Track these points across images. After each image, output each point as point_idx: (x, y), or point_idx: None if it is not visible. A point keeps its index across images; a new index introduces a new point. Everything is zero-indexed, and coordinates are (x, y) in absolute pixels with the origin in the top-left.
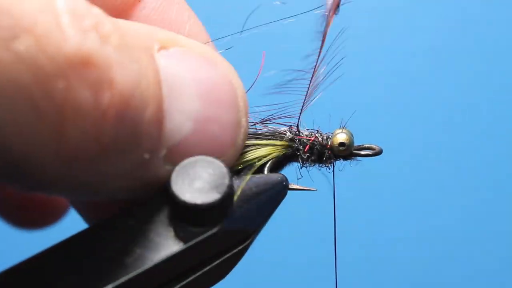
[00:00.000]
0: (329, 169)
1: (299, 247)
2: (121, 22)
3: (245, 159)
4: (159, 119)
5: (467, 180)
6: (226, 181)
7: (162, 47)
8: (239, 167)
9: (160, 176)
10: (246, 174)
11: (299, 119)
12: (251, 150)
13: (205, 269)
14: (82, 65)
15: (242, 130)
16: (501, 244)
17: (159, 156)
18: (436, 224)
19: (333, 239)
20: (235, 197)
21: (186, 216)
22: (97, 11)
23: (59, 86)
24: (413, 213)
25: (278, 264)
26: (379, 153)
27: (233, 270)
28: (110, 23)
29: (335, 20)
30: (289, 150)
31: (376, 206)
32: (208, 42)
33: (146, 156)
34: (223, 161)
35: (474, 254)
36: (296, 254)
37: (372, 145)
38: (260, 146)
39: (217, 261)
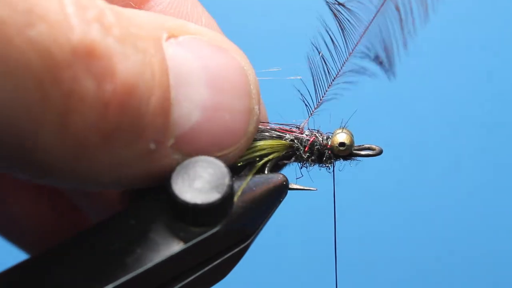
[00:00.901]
0: (329, 169)
1: (299, 247)
2: (126, 12)
3: (246, 157)
4: (165, 108)
5: (468, 180)
6: (227, 181)
7: (171, 36)
8: (239, 164)
9: (169, 166)
10: (246, 174)
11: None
12: (253, 149)
13: (205, 269)
14: (86, 55)
15: (255, 118)
16: (502, 244)
17: (166, 145)
18: (437, 224)
19: (333, 239)
20: (236, 197)
21: (186, 216)
22: (100, 2)
23: (66, 74)
24: (413, 213)
25: (278, 264)
26: (379, 153)
27: (233, 270)
28: (112, 15)
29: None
30: (289, 150)
31: (377, 206)
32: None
33: (152, 146)
34: (234, 150)
35: (475, 255)
36: (297, 254)
37: (372, 146)
38: (261, 146)
39: (217, 261)
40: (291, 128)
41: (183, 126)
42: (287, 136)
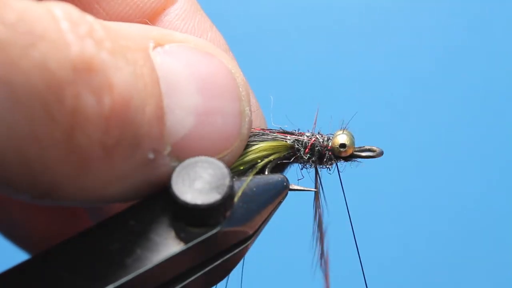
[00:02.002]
0: (330, 170)
1: (299, 247)
2: (113, 25)
3: (247, 159)
4: (159, 117)
5: (468, 181)
6: (227, 181)
7: (157, 45)
8: (241, 168)
9: (167, 174)
10: (247, 174)
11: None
12: (253, 151)
13: (206, 269)
14: (85, 70)
15: (247, 119)
16: (502, 244)
17: (164, 154)
18: (437, 225)
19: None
20: (236, 198)
21: (186, 217)
22: (90, 18)
23: (69, 92)
24: (413, 214)
25: (278, 264)
26: (380, 154)
27: (233, 271)
28: (102, 29)
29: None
30: (290, 151)
31: (376, 207)
32: (229, 51)
33: (151, 156)
34: (229, 153)
35: (475, 255)
36: (297, 254)
37: (373, 147)
38: (262, 148)
39: (218, 262)
40: (292, 131)
41: (178, 133)
42: (288, 137)
